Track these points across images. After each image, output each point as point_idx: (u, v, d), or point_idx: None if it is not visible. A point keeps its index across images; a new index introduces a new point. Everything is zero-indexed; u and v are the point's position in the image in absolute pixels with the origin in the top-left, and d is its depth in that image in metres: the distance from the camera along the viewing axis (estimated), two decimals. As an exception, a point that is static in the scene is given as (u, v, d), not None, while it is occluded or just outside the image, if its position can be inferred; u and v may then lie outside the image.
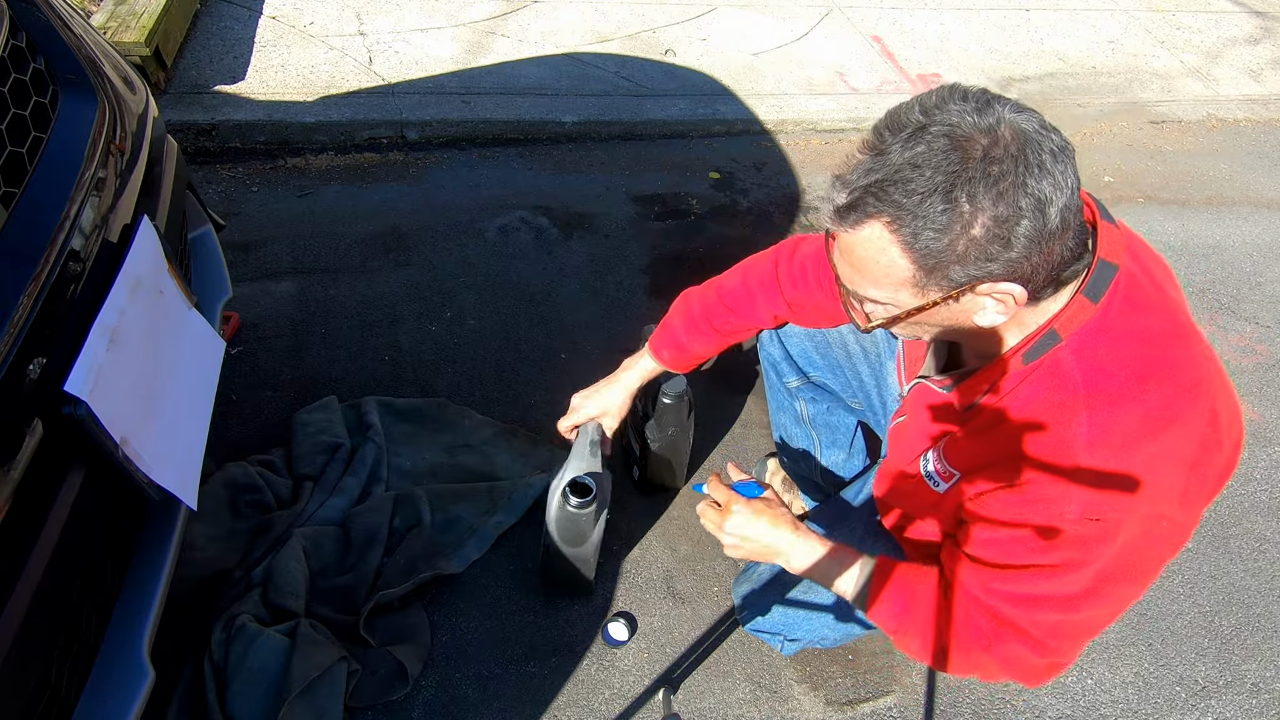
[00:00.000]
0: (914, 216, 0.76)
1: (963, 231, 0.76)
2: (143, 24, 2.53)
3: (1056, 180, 0.75)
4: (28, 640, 0.85)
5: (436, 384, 1.94)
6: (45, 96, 1.13)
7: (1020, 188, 0.74)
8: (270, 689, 1.30)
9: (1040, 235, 0.76)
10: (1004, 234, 0.76)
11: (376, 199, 2.47)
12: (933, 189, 0.75)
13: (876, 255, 0.81)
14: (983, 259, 0.77)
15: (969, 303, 0.83)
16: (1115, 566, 0.88)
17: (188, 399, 1.24)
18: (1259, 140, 3.53)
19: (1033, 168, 0.74)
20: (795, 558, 1.11)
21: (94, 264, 1.06)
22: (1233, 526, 1.91)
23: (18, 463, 0.86)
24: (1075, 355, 0.85)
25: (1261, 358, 2.40)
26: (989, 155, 0.74)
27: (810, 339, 1.47)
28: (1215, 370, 0.89)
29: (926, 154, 0.75)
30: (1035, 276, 0.80)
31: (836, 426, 1.59)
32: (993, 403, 0.92)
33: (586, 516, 1.35)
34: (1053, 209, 0.75)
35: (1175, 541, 0.93)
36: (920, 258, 0.78)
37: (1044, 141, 0.76)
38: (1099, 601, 0.90)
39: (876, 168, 0.78)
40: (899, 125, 0.78)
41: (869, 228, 0.79)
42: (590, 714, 1.43)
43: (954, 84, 0.81)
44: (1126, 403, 0.83)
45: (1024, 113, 0.77)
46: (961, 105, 0.77)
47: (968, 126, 0.75)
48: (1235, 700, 1.58)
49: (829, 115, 3.13)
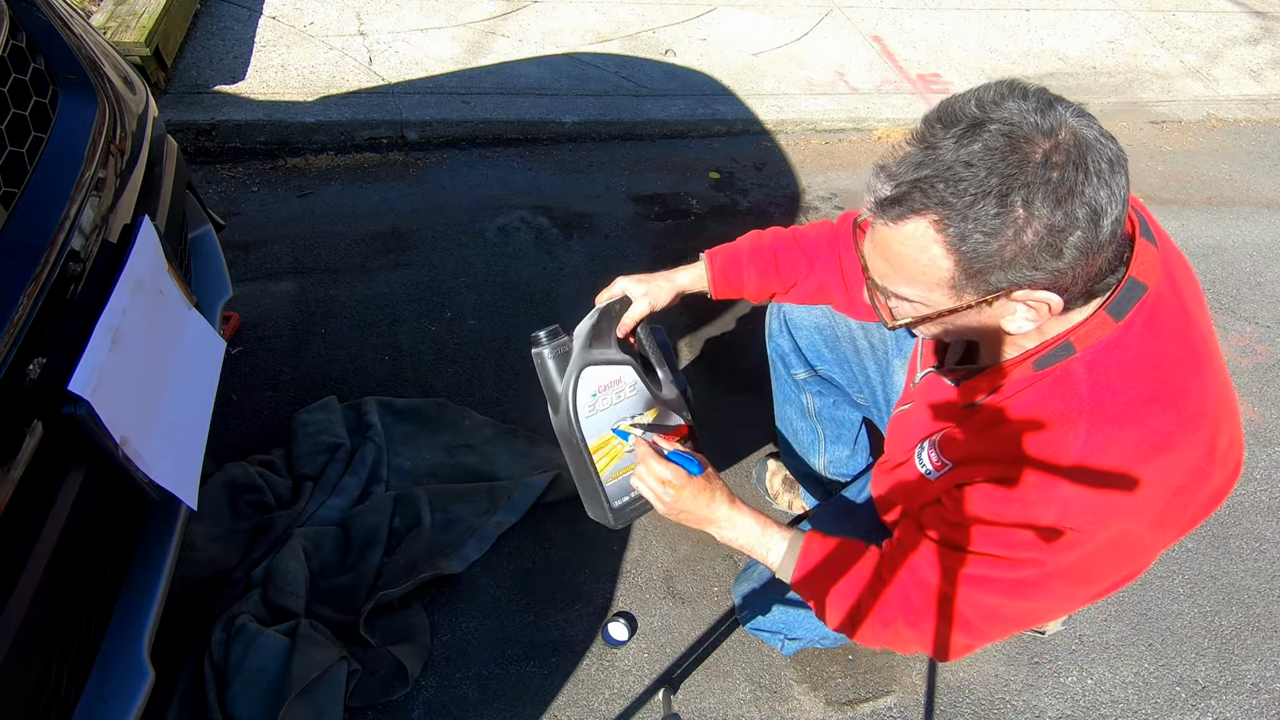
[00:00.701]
0: (963, 218, 0.74)
1: (1014, 238, 0.73)
2: (143, 24, 2.53)
3: (1113, 191, 0.73)
4: (28, 640, 0.85)
5: (436, 384, 1.94)
6: (45, 96, 1.13)
7: (1078, 196, 0.71)
8: (270, 689, 1.30)
9: (1090, 246, 0.74)
10: (1056, 243, 0.73)
11: (376, 199, 2.47)
12: (987, 190, 0.72)
13: (917, 253, 0.78)
14: (1029, 267, 0.75)
15: (1001, 308, 0.81)
16: (1069, 569, 0.88)
17: (188, 399, 1.24)
18: (1259, 140, 3.53)
19: (1092, 176, 0.72)
20: (728, 529, 1.11)
21: (94, 264, 1.06)
22: (1233, 526, 1.91)
23: (18, 463, 0.86)
24: (1087, 369, 0.84)
25: (1261, 358, 2.40)
26: (1049, 160, 0.71)
27: (819, 332, 1.46)
28: (1224, 404, 0.87)
29: (982, 152, 0.72)
30: (1074, 287, 0.78)
31: (841, 421, 1.59)
32: (996, 402, 0.92)
33: (548, 356, 1.20)
34: (1106, 220, 0.73)
35: (1138, 558, 0.92)
36: (964, 260, 0.76)
37: (1103, 150, 0.73)
38: (1041, 596, 0.90)
39: (927, 162, 0.75)
40: (953, 119, 0.75)
41: (913, 224, 0.77)
42: (590, 714, 1.43)
43: (1013, 80, 0.77)
44: (1127, 424, 0.82)
45: (1084, 117, 0.75)
46: (1022, 104, 0.74)
47: (1029, 127, 0.72)
48: (1235, 700, 1.58)
49: (829, 115, 3.13)
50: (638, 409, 1.27)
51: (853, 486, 1.41)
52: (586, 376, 1.21)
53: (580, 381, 1.20)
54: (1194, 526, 0.94)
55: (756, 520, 1.10)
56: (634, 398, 1.25)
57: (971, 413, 0.97)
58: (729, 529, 1.11)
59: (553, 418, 1.23)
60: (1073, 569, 0.89)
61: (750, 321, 2.24)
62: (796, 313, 1.49)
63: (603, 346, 1.22)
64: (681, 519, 1.12)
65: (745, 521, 1.10)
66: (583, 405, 1.21)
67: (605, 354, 1.22)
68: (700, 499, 1.09)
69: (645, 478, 1.12)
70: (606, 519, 1.30)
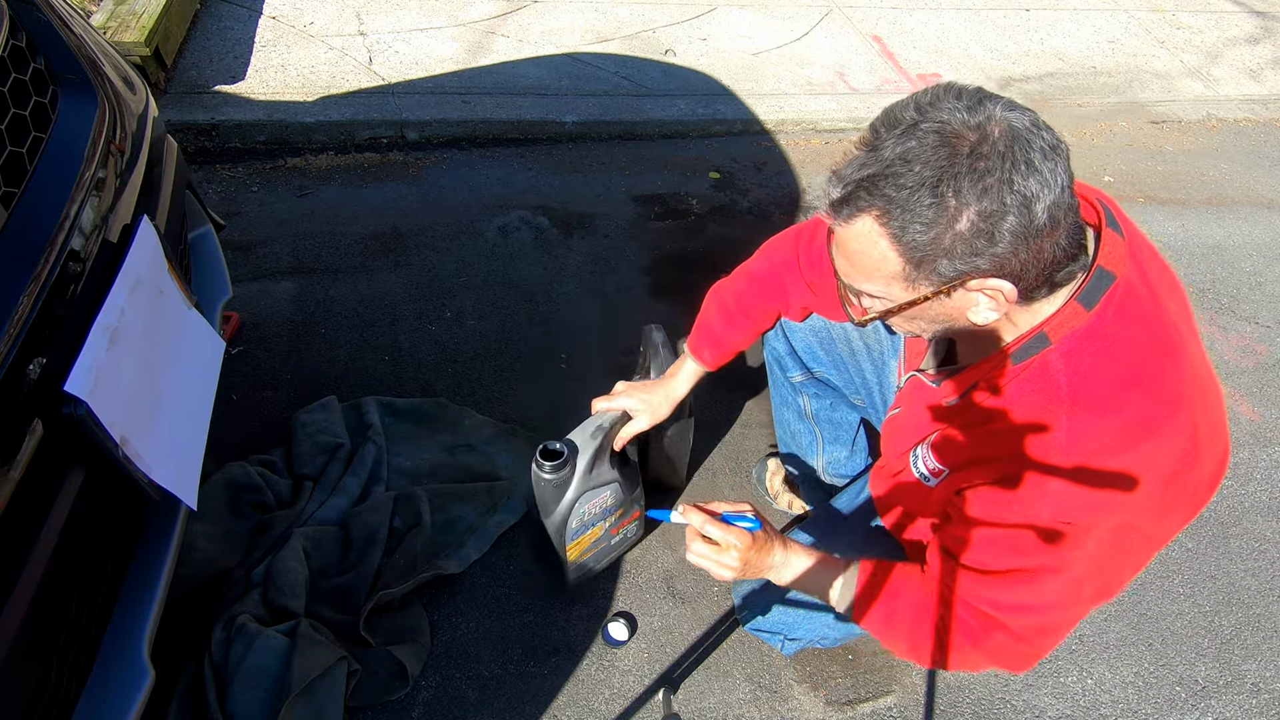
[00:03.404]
0: (903, 210, 0.78)
1: (949, 225, 0.77)
2: (143, 24, 2.53)
3: (1044, 178, 0.76)
4: (28, 640, 0.85)
5: (436, 384, 1.94)
6: (45, 96, 1.13)
7: (1006, 184, 0.75)
8: (270, 689, 1.30)
9: (1027, 231, 0.77)
10: (989, 228, 0.77)
11: (376, 199, 2.47)
12: (920, 183, 0.76)
13: (869, 249, 0.83)
14: (969, 253, 0.79)
15: (961, 299, 0.84)
16: (1088, 573, 0.90)
17: (188, 399, 1.24)
18: (1259, 140, 3.53)
19: (1019, 164, 0.75)
20: (785, 571, 1.12)
21: (94, 264, 1.06)
22: (1233, 526, 1.91)
23: (18, 463, 0.86)
24: (1064, 360, 0.86)
25: (1261, 358, 2.40)
26: (976, 151, 0.75)
27: (815, 334, 1.47)
28: (1201, 388, 0.89)
29: (917, 149, 0.77)
30: (1025, 274, 0.81)
31: (839, 423, 1.60)
32: (980, 400, 0.95)
33: (546, 484, 1.33)
34: (1039, 205, 0.76)
35: (1145, 552, 0.94)
36: (909, 251, 0.80)
37: (1034, 139, 0.77)
38: (1073, 605, 0.94)
39: (870, 163, 0.80)
40: (894, 122, 0.80)
41: (861, 221, 0.81)
42: (590, 714, 1.43)
43: (950, 83, 0.82)
44: (1107, 411, 0.84)
45: (1017, 110, 0.78)
46: (954, 103, 0.78)
47: (957, 124, 0.77)
48: (1235, 700, 1.58)
49: (829, 115, 3.13)
50: (614, 510, 1.47)
51: (845, 494, 1.41)
52: (580, 502, 1.38)
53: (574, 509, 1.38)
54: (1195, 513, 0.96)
55: (810, 557, 1.12)
56: (611, 502, 1.44)
57: (958, 413, 0.99)
58: (784, 571, 1.12)
59: (541, 517, 1.40)
60: (1089, 571, 0.90)
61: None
62: None
63: (599, 467, 1.37)
64: (747, 574, 1.11)
65: (800, 561, 1.12)
66: (571, 521, 1.39)
67: (600, 476, 1.38)
68: (764, 552, 1.09)
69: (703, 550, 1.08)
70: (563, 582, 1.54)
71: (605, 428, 1.36)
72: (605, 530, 1.50)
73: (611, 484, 1.42)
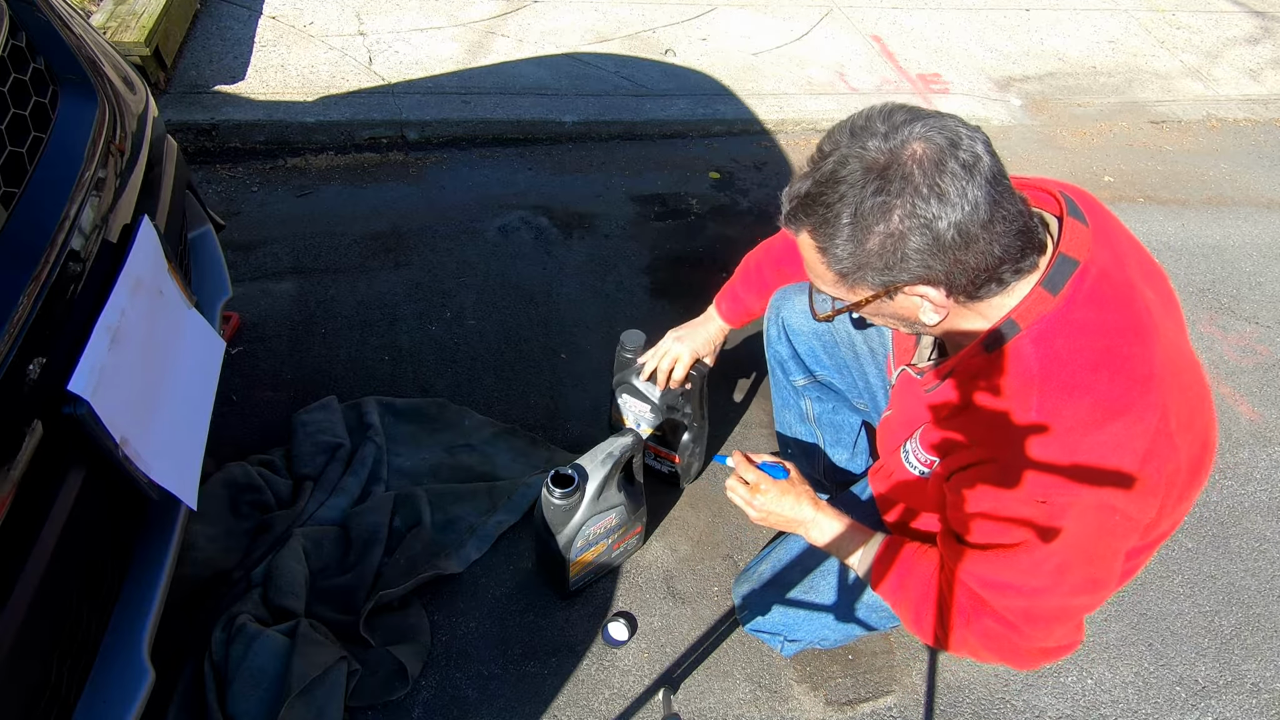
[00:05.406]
0: (827, 227, 0.86)
1: (861, 244, 0.85)
2: (143, 24, 2.53)
3: (949, 199, 0.81)
4: (28, 640, 0.85)
5: (436, 384, 1.94)
6: (45, 96, 1.13)
7: (907, 209, 0.82)
8: (270, 689, 1.30)
9: (934, 248, 0.83)
10: (896, 249, 0.84)
11: (376, 199, 2.47)
12: (842, 206, 0.84)
13: (810, 258, 0.92)
14: (884, 268, 0.86)
15: (905, 301, 0.91)
16: (1072, 558, 0.91)
17: (188, 399, 1.24)
18: (1259, 140, 3.53)
19: (921, 189, 0.81)
20: (815, 530, 1.21)
21: (94, 264, 1.06)
22: (1233, 526, 1.91)
23: (18, 463, 0.86)
24: (1034, 344, 0.90)
25: (1261, 358, 2.40)
26: (884, 176, 0.82)
27: (819, 338, 1.48)
28: (1176, 370, 0.92)
29: (842, 172, 0.84)
30: (954, 280, 0.86)
31: (841, 426, 1.60)
32: (958, 388, 0.99)
33: (556, 508, 1.38)
34: (942, 224, 0.82)
35: (1131, 536, 0.95)
36: (835, 263, 0.89)
37: (946, 162, 0.81)
38: (1057, 592, 0.94)
39: (808, 181, 0.88)
40: (834, 143, 0.87)
41: (802, 236, 0.91)
42: (590, 714, 1.43)
43: (885, 104, 0.87)
44: (1076, 391, 0.87)
45: (936, 130, 0.82)
46: (878, 127, 0.84)
47: (873, 149, 0.83)
48: (1235, 700, 1.58)
49: (829, 115, 3.12)
50: (617, 529, 1.51)
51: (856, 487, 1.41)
52: (587, 525, 1.42)
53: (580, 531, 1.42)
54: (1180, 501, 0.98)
55: (840, 521, 1.19)
56: (616, 523, 1.49)
57: (941, 404, 1.03)
58: (814, 530, 1.21)
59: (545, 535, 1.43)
60: (1072, 554, 0.91)
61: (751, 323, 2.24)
62: (795, 320, 1.50)
63: (607, 491, 1.41)
64: (770, 521, 1.25)
65: (830, 524, 1.20)
66: (576, 541, 1.43)
67: (608, 500, 1.43)
68: (785, 500, 1.21)
69: (736, 487, 1.26)
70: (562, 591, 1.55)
71: (615, 455, 1.41)
72: (608, 547, 1.53)
73: (617, 507, 1.46)
